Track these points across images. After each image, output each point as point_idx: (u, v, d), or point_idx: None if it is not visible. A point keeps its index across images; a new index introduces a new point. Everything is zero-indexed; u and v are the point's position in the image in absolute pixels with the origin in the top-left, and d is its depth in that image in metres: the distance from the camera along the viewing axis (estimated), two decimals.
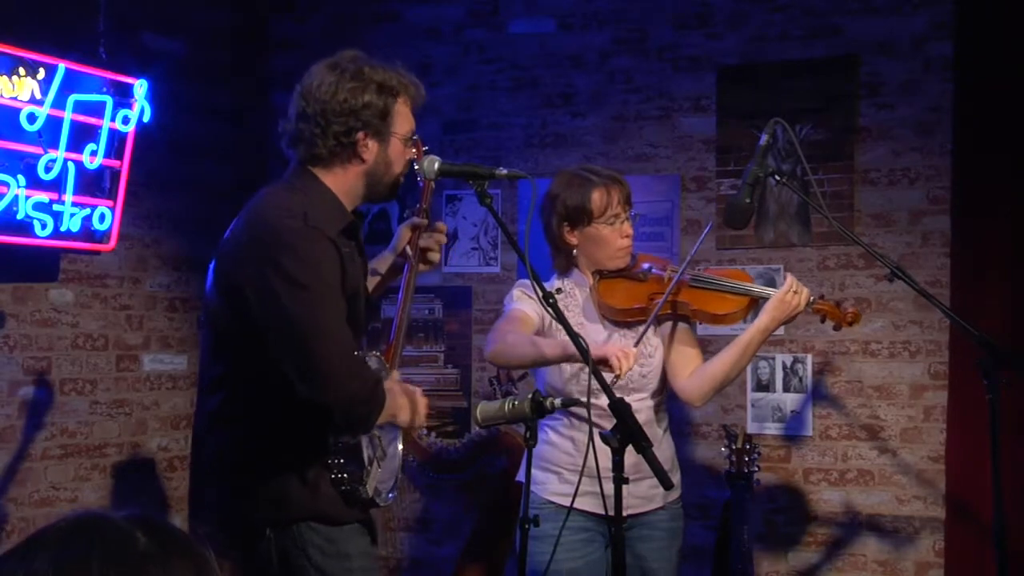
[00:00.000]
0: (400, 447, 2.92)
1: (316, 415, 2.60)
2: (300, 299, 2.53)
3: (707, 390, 3.34)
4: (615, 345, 3.10)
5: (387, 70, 2.76)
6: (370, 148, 2.74)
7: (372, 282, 3.04)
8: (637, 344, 3.24)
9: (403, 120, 2.79)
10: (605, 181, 3.32)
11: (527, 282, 3.36)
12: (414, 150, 2.86)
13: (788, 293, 3.24)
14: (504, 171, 2.72)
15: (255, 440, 2.69)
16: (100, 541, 1.21)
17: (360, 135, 2.72)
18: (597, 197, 3.29)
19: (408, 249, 3.01)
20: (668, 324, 3.41)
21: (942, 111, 4.66)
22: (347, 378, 2.56)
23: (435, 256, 3.05)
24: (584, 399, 2.76)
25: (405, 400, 2.75)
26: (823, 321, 3.38)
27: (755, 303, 3.39)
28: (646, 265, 3.41)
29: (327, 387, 2.54)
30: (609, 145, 5.12)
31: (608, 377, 3.09)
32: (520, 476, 2.92)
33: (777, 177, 3.33)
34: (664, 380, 3.40)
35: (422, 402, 2.81)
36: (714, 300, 3.34)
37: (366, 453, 2.71)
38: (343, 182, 2.76)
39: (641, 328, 3.29)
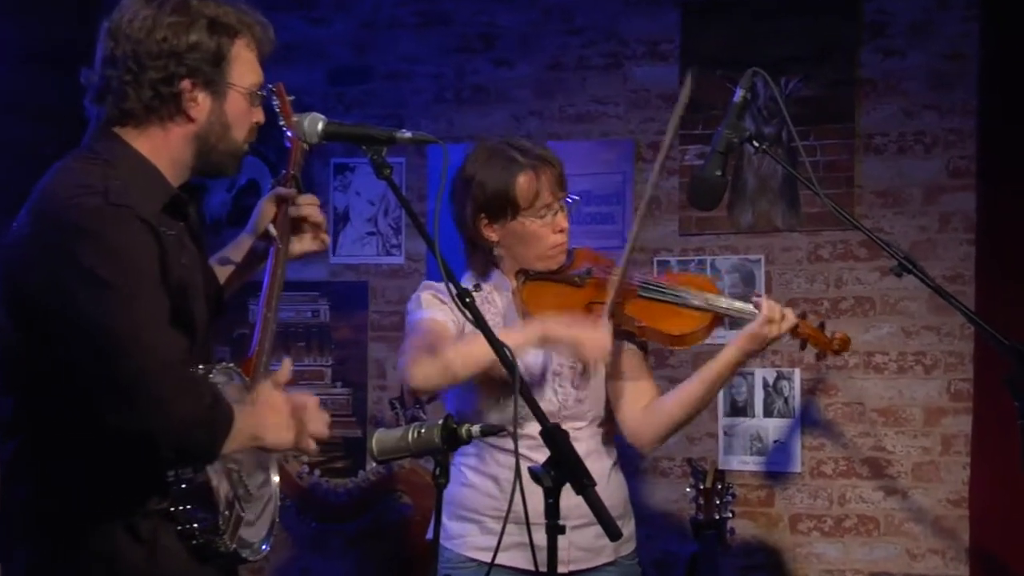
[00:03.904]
0: (276, 480, 2.88)
1: (144, 449, 2.54)
2: (103, 300, 2.48)
3: (661, 433, 3.41)
4: (586, 328, 3.20)
5: (223, 4, 2.74)
6: (199, 103, 2.71)
7: (224, 273, 3.01)
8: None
9: (246, 69, 2.76)
10: (532, 162, 3.34)
11: (435, 284, 3.33)
12: (276, 110, 2.89)
13: (764, 325, 3.24)
14: (408, 134, 2.78)
15: (69, 490, 2.62)
16: None
17: (185, 84, 2.68)
18: (523, 183, 3.32)
19: (272, 228, 2.97)
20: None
21: (965, 59, 4.75)
22: (171, 397, 2.49)
23: (322, 234, 3.03)
24: (509, 427, 2.73)
25: (276, 416, 2.69)
26: (803, 348, 3.40)
27: (720, 320, 3.38)
28: (585, 267, 3.39)
29: (145, 411, 2.48)
30: (543, 101, 5.14)
31: (573, 370, 3.08)
32: (431, 533, 2.89)
33: (756, 143, 3.38)
34: (609, 409, 3.39)
35: (314, 414, 2.73)
36: (668, 316, 3.36)
37: (222, 493, 2.64)
38: (163, 147, 2.72)
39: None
